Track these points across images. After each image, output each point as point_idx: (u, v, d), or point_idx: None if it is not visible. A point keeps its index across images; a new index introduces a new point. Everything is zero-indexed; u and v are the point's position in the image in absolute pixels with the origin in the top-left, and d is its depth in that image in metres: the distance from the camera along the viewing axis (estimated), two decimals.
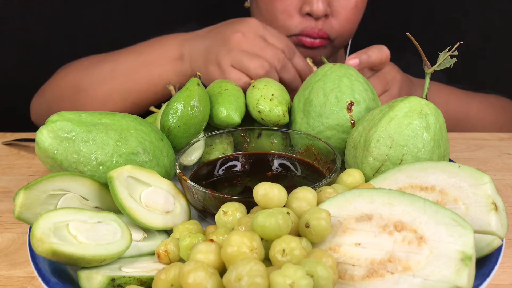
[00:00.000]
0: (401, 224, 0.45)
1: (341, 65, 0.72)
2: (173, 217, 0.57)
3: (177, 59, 0.92)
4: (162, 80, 0.93)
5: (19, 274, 0.56)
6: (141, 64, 0.96)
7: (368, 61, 0.80)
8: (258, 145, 0.73)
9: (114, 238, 0.49)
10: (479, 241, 0.47)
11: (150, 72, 0.94)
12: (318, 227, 0.45)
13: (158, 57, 0.94)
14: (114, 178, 0.52)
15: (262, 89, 0.72)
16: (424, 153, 0.58)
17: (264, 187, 0.48)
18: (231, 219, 0.50)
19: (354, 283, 0.43)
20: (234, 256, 0.41)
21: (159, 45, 0.96)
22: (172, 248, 0.50)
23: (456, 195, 0.50)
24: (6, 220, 0.67)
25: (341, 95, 0.68)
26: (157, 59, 0.94)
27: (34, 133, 0.89)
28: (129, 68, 0.96)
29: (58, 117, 0.57)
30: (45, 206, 0.51)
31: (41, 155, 0.58)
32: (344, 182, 0.58)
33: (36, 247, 0.43)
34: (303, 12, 0.96)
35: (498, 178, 0.78)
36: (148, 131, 0.61)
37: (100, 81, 0.98)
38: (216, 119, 0.69)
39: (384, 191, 0.48)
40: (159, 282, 0.43)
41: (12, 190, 0.75)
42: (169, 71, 0.93)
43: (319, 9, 0.94)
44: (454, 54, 0.57)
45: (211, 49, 0.87)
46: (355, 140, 0.63)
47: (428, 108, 0.59)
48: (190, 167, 0.67)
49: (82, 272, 0.46)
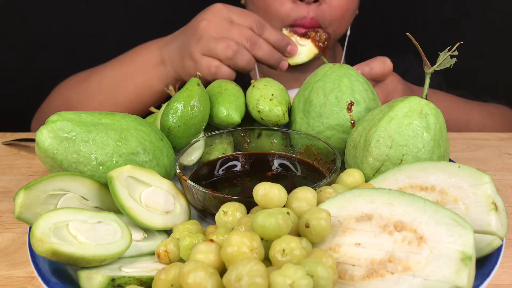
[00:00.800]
0: (401, 224, 0.45)
1: (341, 65, 0.72)
2: (173, 217, 0.57)
3: (159, 64, 0.94)
4: (147, 88, 0.95)
5: (19, 274, 0.56)
6: (124, 75, 0.97)
7: (370, 73, 0.80)
8: (258, 145, 0.73)
9: (114, 238, 0.49)
10: (479, 241, 0.47)
11: (134, 82, 0.96)
12: (318, 227, 0.45)
13: (140, 66, 0.95)
14: (114, 178, 0.52)
15: (262, 89, 0.72)
16: (424, 153, 0.58)
17: (264, 187, 0.48)
18: (231, 219, 0.50)
19: (354, 283, 0.43)
20: (234, 256, 0.41)
21: (139, 53, 0.97)
22: (172, 248, 0.50)
23: (456, 195, 0.50)
24: (6, 220, 0.67)
25: (341, 95, 0.68)
26: (139, 67, 0.95)
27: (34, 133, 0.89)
28: (114, 80, 0.98)
29: (58, 117, 0.57)
30: (45, 206, 0.51)
31: (41, 155, 0.58)
32: (344, 182, 0.58)
33: (36, 247, 0.43)
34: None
35: (498, 178, 0.78)
36: (148, 131, 0.61)
37: (88, 97, 1.00)
38: (216, 118, 0.69)
39: (384, 191, 0.48)
40: (159, 282, 0.43)
41: (12, 190, 0.75)
42: (153, 78, 0.94)
43: None
44: (454, 54, 0.57)
45: (184, 44, 0.88)
46: (355, 140, 0.63)
47: (428, 108, 0.59)
48: (190, 167, 0.67)
49: (82, 272, 0.46)
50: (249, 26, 0.85)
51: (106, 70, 1.00)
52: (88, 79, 1.02)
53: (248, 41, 0.83)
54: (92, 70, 1.05)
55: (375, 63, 0.81)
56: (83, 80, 1.03)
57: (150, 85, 0.94)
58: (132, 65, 0.97)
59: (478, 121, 1.08)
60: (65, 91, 1.06)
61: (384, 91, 0.85)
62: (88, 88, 1.01)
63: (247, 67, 0.83)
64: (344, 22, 1.04)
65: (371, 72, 0.80)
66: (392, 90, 0.86)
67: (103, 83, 0.99)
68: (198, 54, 0.84)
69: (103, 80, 0.99)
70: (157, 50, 0.94)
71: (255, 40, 0.83)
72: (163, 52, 0.93)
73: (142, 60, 0.95)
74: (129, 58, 0.98)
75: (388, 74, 0.83)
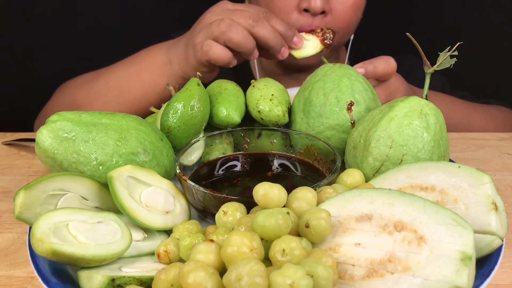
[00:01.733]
0: (401, 224, 0.45)
1: (341, 65, 0.72)
2: (173, 217, 0.57)
3: (167, 64, 0.94)
4: (154, 87, 0.94)
5: (19, 274, 0.56)
6: (132, 74, 0.97)
7: (373, 71, 0.80)
8: (258, 145, 0.73)
9: (114, 238, 0.49)
10: (479, 241, 0.47)
11: (142, 80, 0.96)
12: (318, 227, 0.45)
13: (148, 65, 0.95)
14: (114, 178, 0.52)
15: (262, 89, 0.72)
16: (424, 153, 0.58)
17: (264, 187, 0.48)
18: (231, 219, 0.50)
19: (354, 283, 0.43)
20: (234, 256, 0.41)
21: (147, 54, 0.97)
22: (172, 248, 0.50)
23: (456, 195, 0.50)
24: (6, 220, 0.67)
25: (341, 95, 0.68)
26: (147, 66, 0.95)
27: (34, 133, 0.89)
28: (122, 79, 0.98)
29: (58, 117, 0.57)
30: (45, 206, 0.51)
31: (41, 155, 0.58)
32: (344, 182, 0.58)
33: (36, 247, 0.43)
34: (301, 8, 0.96)
35: (498, 178, 0.78)
36: (148, 131, 0.61)
37: (95, 95, 1.00)
38: (216, 118, 0.69)
39: (384, 191, 0.48)
40: (159, 282, 0.43)
41: (12, 190, 0.75)
42: (160, 76, 0.94)
43: (316, 5, 0.93)
44: (454, 54, 0.57)
45: (189, 39, 0.88)
46: (355, 140, 0.63)
47: (428, 108, 0.59)
48: (190, 167, 0.67)
49: (82, 272, 0.46)
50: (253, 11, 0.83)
51: (115, 71, 1.01)
52: (95, 79, 1.02)
53: (250, 18, 0.80)
54: (100, 70, 1.05)
55: (379, 62, 0.80)
56: (90, 80, 1.03)
57: (156, 83, 0.94)
58: (140, 65, 0.97)
59: (480, 123, 1.08)
60: (71, 91, 1.06)
61: (386, 91, 0.85)
62: (96, 87, 1.01)
63: (243, 43, 0.79)
64: (349, 31, 1.05)
65: (375, 70, 0.80)
66: (394, 91, 0.86)
67: (110, 82, 0.99)
68: (197, 41, 0.83)
69: (110, 79, 0.99)
70: (165, 51, 0.94)
71: (259, 18, 0.80)
72: (171, 53, 0.93)
73: (150, 60, 0.95)
74: (138, 59, 0.98)
75: (391, 74, 0.82)
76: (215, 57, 0.80)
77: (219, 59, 0.80)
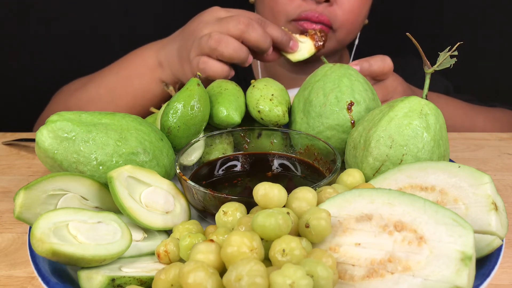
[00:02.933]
0: (401, 224, 0.45)
1: (341, 65, 0.72)
2: (173, 217, 0.57)
3: (157, 68, 0.93)
4: (145, 93, 0.94)
5: (19, 274, 0.56)
6: (122, 79, 0.97)
7: (369, 69, 0.79)
8: (258, 145, 0.73)
9: (114, 238, 0.49)
10: (479, 241, 0.47)
11: (132, 86, 0.95)
12: (318, 227, 0.45)
13: (137, 70, 0.95)
14: (114, 178, 0.52)
15: (262, 89, 0.72)
16: (424, 153, 0.58)
17: (264, 187, 0.48)
18: (231, 219, 0.50)
19: (354, 283, 0.43)
20: (234, 256, 0.41)
21: (136, 57, 0.96)
22: (172, 248, 0.50)
23: (456, 195, 0.50)
24: (6, 220, 0.67)
25: (341, 95, 0.68)
26: (136, 71, 0.95)
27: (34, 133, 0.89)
28: (112, 86, 0.98)
29: (58, 117, 0.57)
30: (45, 206, 0.51)
31: (41, 155, 0.58)
32: (344, 182, 0.58)
33: (36, 247, 0.43)
34: None
35: (498, 178, 0.78)
36: (148, 131, 0.61)
37: (87, 103, 1.00)
38: (216, 118, 0.69)
39: (384, 191, 0.48)
40: (159, 282, 0.43)
41: (12, 190, 0.75)
42: (150, 81, 0.93)
43: None
44: (454, 54, 0.57)
45: (182, 48, 0.87)
46: (355, 140, 0.63)
47: (428, 108, 0.59)
48: (190, 167, 0.67)
49: (82, 272, 0.46)
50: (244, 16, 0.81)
51: (104, 76, 1.00)
52: (86, 86, 1.02)
53: (240, 23, 0.78)
54: (89, 76, 1.05)
55: (375, 60, 0.80)
56: (81, 86, 1.03)
57: (148, 89, 0.94)
58: (129, 69, 0.96)
59: (484, 126, 1.08)
60: (64, 98, 1.06)
61: (384, 90, 0.84)
62: (87, 94, 1.00)
63: (235, 55, 0.78)
64: (354, 27, 1.03)
65: (370, 68, 0.79)
66: (392, 91, 0.86)
67: (100, 89, 0.99)
68: (192, 56, 0.83)
69: (101, 85, 0.99)
70: (153, 54, 0.93)
71: (249, 23, 0.79)
72: (160, 55, 0.92)
73: (139, 64, 0.94)
74: (126, 62, 0.98)
75: (388, 73, 0.82)
76: (212, 74, 0.80)
77: (217, 75, 0.80)
